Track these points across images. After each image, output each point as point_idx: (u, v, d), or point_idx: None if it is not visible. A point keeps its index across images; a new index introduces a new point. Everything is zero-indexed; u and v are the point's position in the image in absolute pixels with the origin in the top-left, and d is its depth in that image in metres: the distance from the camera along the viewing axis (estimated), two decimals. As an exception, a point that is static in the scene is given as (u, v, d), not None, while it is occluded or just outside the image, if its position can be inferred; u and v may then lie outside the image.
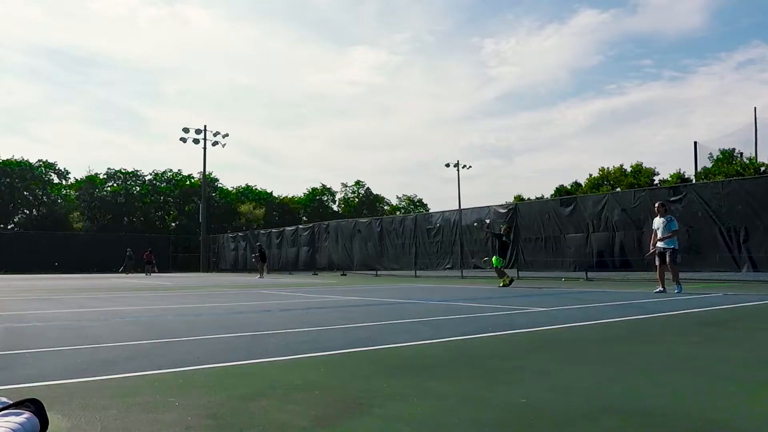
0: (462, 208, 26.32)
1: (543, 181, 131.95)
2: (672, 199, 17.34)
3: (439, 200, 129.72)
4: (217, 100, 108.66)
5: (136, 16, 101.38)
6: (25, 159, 67.90)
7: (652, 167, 61.34)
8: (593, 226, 19.42)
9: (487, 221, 20.03)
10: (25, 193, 68.49)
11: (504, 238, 16.28)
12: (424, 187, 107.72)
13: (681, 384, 3.20)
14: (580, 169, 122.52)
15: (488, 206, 23.75)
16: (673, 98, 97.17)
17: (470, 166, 60.95)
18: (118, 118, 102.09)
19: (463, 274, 23.66)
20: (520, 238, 21.66)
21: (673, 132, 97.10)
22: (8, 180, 66.79)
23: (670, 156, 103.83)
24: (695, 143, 33.13)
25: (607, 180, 63.04)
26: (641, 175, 60.35)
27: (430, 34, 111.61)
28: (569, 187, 66.04)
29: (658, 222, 12.05)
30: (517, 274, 21.53)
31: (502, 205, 24.08)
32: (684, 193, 17.44)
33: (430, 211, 56.44)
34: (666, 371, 3.58)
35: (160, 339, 5.28)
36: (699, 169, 34.67)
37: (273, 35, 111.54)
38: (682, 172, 56.03)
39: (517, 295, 11.64)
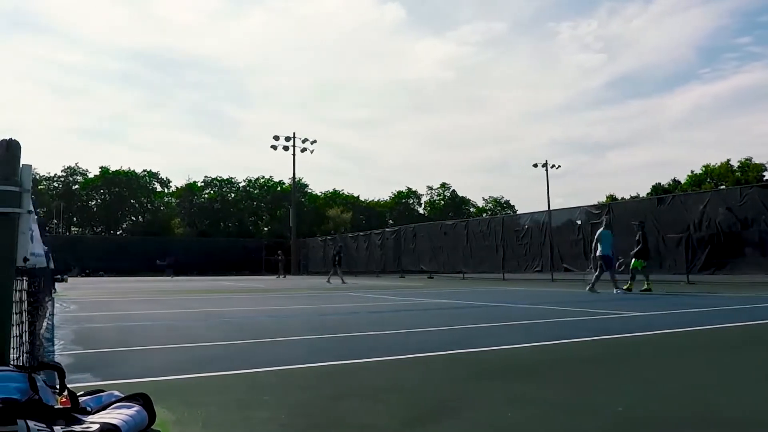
0: (552, 209, 25.61)
1: (637, 178, 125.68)
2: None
3: (526, 200, 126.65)
4: (303, 98, 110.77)
5: (221, 15, 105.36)
6: (132, 169, 72.83)
7: (763, 162, 56.88)
8: (695, 227, 18.30)
9: None
10: (131, 201, 73.48)
11: None
12: (509, 186, 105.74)
13: (798, 396, 2.95)
14: (679, 165, 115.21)
15: (579, 206, 22.97)
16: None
17: (559, 166, 59.11)
18: (209, 121, 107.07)
19: (554, 277, 22.98)
20: (614, 239, 20.76)
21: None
22: (117, 189, 71.94)
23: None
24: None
25: (710, 176, 59.23)
26: (749, 170, 56.21)
27: (512, 22, 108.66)
28: (667, 185, 62.60)
29: None
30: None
31: (594, 205, 23.19)
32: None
33: (518, 212, 55.29)
34: (780, 382, 3.31)
35: (253, 339, 5.49)
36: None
37: (364, 25, 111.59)
38: (796, 166, 51.72)
39: (611, 299, 11.17)
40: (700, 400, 2.87)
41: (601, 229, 14.68)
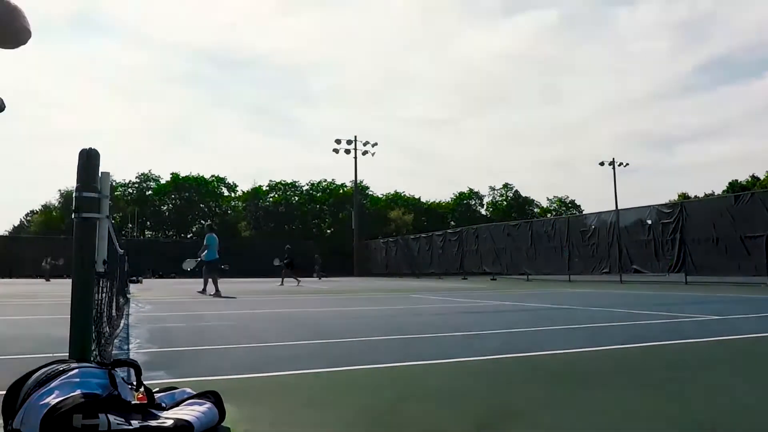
0: (620, 208, 24.77)
1: (711, 175, 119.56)
2: None
3: (592, 199, 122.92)
4: (365, 94, 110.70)
5: (280, 10, 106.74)
6: (200, 174, 75.52)
7: None
8: (776, 225, 17.29)
9: None
10: (201, 205, 76.17)
11: None
12: (575, 185, 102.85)
13: None
14: (758, 160, 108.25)
15: (649, 206, 22.14)
16: None
17: (627, 164, 57.12)
18: (271, 121, 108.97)
19: (622, 279, 22.22)
20: (687, 239, 19.90)
21: None
22: (187, 194, 74.76)
23: None
24: None
25: (790, 172, 55.81)
26: (836, 165, 52.62)
27: (565, 8, 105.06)
28: (745, 182, 59.46)
29: None
30: (685, 279, 19.80)
31: (665, 204, 22.30)
32: None
33: (584, 212, 53.80)
34: None
35: (321, 339, 5.57)
36: None
37: (430, 11, 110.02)
38: None
39: (685, 302, 10.68)
40: (788, 409, 2.70)
41: (208, 234, 16.05)
